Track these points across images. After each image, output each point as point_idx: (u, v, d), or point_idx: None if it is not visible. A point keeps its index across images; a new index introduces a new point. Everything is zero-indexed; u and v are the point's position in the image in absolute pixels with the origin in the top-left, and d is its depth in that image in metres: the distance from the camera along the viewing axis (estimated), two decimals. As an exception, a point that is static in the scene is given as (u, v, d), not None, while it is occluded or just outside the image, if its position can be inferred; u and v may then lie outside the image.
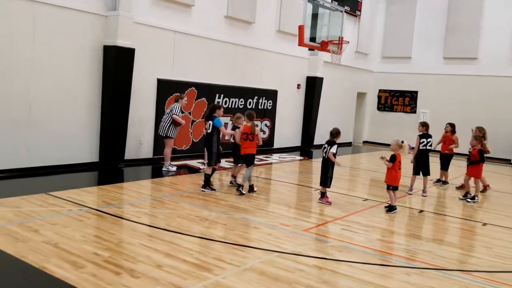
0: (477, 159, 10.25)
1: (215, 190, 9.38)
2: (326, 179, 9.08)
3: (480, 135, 10.85)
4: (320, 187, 9.26)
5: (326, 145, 9.05)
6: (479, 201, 10.29)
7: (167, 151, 11.41)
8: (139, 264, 5.22)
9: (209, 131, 9.51)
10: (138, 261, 5.31)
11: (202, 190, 9.31)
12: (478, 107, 19.85)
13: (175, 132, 11.38)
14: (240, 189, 9.30)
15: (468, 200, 10.21)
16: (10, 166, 9.56)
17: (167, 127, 11.20)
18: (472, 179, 10.46)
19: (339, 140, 9.09)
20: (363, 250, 6.41)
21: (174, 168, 11.50)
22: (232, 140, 10.12)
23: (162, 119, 11.40)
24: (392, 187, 8.84)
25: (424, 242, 7.10)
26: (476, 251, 6.81)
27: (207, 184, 9.41)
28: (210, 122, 9.46)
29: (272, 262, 5.59)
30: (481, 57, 20.23)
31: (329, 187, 9.20)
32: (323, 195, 9.18)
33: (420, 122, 11.11)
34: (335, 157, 8.91)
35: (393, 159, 8.77)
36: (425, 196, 10.43)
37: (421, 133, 10.79)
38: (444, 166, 11.98)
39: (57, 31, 10.10)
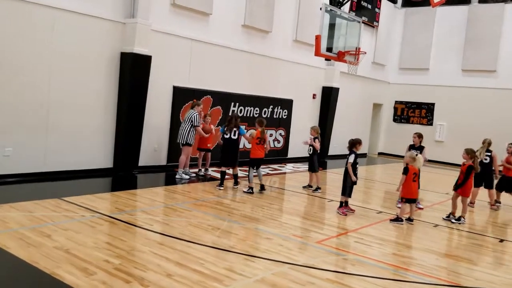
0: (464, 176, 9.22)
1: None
2: (345, 188, 9.12)
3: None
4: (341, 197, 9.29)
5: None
6: (465, 222, 9.19)
7: (183, 158, 11.39)
8: (149, 272, 5.18)
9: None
10: (148, 269, 5.27)
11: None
12: (496, 121, 19.56)
13: (193, 139, 11.37)
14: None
15: (453, 221, 9.15)
16: (27, 170, 9.64)
17: (186, 134, 11.18)
18: (460, 197, 9.34)
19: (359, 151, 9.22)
20: (377, 264, 6.30)
21: (188, 177, 11.48)
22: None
23: (181, 127, 11.38)
24: (406, 199, 8.74)
25: (440, 257, 6.97)
26: (492, 268, 6.65)
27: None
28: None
29: (284, 274, 5.51)
30: (500, 70, 20.00)
31: (349, 197, 9.21)
32: (341, 204, 9.19)
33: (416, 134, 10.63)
34: (352, 168, 8.98)
35: (406, 171, 8.70)
36: (420, 208, 10.17)
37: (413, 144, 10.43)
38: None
39: (75, 38, 10.19)
